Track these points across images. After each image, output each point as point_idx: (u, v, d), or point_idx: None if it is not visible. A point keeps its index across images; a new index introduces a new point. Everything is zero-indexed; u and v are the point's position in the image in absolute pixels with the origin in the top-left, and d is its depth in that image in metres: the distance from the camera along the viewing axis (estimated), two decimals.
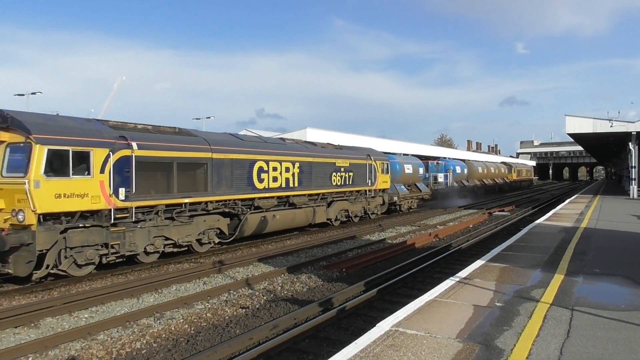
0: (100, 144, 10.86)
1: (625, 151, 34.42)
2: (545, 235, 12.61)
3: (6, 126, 10.15)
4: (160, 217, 12.30)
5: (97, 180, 10.69)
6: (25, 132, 9.95)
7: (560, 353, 4.57)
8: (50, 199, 9.86)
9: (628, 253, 10.22)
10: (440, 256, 13.03)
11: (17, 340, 7.33)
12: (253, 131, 34.69)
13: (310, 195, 18.24)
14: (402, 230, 19.69)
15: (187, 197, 12.84)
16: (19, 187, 9.67)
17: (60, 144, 10.16)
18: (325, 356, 6.09)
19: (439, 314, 5.87)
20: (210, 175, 13.55)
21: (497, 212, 28.26)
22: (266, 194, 15.75)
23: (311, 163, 18.16)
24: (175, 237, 12.77)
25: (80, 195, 10.39)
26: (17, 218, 9.67)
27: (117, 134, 11.40)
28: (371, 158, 22.54)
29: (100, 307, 8.97)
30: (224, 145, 14.34)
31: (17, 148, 10.19)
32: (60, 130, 10.38)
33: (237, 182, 14.55)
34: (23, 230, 9.73)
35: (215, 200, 13.83)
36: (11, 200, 9.91)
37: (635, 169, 30.02)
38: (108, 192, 10.88)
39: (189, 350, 6.91)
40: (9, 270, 9.87)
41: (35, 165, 9.70)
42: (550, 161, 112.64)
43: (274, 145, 17.03)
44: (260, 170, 15.47)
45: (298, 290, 10.25)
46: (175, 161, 12.53)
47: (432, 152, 47.26)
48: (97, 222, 10.88)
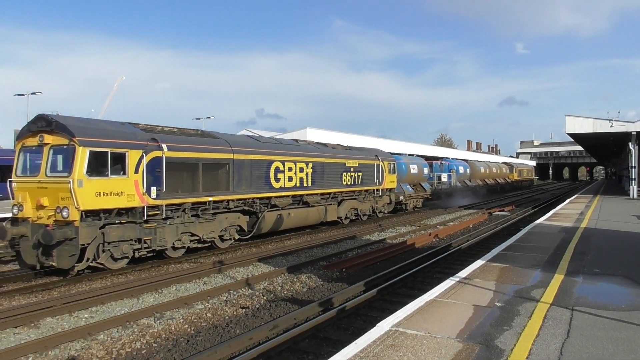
0: (135, 146, 11.60)
1: (625, 151, 34.43)
2: (545, 235, 12.60)
3: (50, 129, 10.94)
4: (187, 215, 13.04)
5: (132, 179, 11.45)
6: (69, 135, 10.65)
7: (560, 353, 4.57)
8: (92, 197, 10.64)
9: (628, 253, 10.21)
10: (440, 256, 13.02)
11: (17, 340, 7.33)
12: (253, 131, 34.68)
13: (322, 195, 18.99)
14: (402, 230, 19.68)
15: (211, 196, 13.60)
16: (63, 185, 10.44)
17: (100, 146, 10.92)
18: (325, 356, 6.09)
19: (439, 314, 5.87)
20: (232, 175, 14.34)
21: (497, 212, 28.26)
22: (282, 193, 16.52)
23: (323, 163, 18.93)
24: (200, 233, 13.49)
25: (117, 193, 11.17)
26: (62, 214, 10.37)
27: (149, 136, 12.14)
28: (379, 158, 23.23)
29: (100, 307, 8.97)
30: (244, 146, 15.14)
31: (61, 150, 10.97)
32: (99, 133, 11.17)
33: (256, 181, 15.34)
34: (67, 225, 10.41)
35: (236, 199, 14.61)
36: (55, 198, 10.63)
37: (635, 169, 30.02)
38: (141, 190, 11.64)
39: (189, 351, 6.91)
40: (52, 263, 10.53)
41: (79, 166, 10.46)
42: (550, 161, 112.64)
43: (289, 147, 17.76)
44: (277, 170, 16.26)
45: (298, 290, 10.25)
46: (200, 162, 13.30)
47: (432, 152, 47.25)
48: (131, 219, 11.62)
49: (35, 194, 10.97)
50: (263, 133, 34.20)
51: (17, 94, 24.23)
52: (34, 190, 11.03)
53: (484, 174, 47.77)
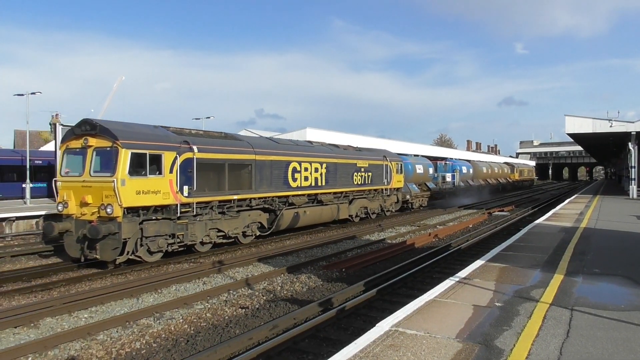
0: (169, 148, 12.48)
1: (624, 151, 34.43)
2: (545, 235, 12.60)
3: (94, 133, 11.82)
4: (214, 212, 13.91)
5: (167, 179, 12.31)
6: (112, 138, 11.53)
7: (560, 353, 4.57)
8: (133, 195, 11.52)
9: (628, 253, 10.21)
10: (440, 256, 13.02)
11: (16, 340, 7.33)
12: (253, 131, 34.61)
13: (335, 194, 19.88)
14: (402, 230, 19.68)
15: (236, 194, 14.52)
16: (107, 184, 11.32)
17: (140, 148, 11.79)
18: (325, 356, 6.09)
19: (438, 314, 5.87)
20: (254, 175, 15.26)
21: (497, 212, 28.26)
22: (299, 192, 17.43)
23: (336, 164, 19.82)
24: (226, 229, 14.37)
25: (154, 192, 12.03)
26: (106, 211, 11.17)
27: (181, 139, 13.00)
28: (387, 159, 24.18)
29: (100, 307, 8.96)
30: (264, 148, 16.06)
31: (104, 152, 11.81)
32: (138, 137, 12.04)
33: (275, 181, 16.26)
34: (110, 221, 11.30)
35: (257, 197, 15.52)
36: (99, 196, 11.50)
37: (635, 169, 30.01)
38: (175, 189, 12.49)
39: (188, 351, 6.91)
40: (96, 256, 11.48)
41: (122, 167, 11.33)
42: (550, 161, 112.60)
43: (305, 148, 18.65)
44: (294, 170, 17.16)
45: (298, 290, 10.25)
46: (226, 162, 14.20)
47: (432, 152, 47.25)
48: (166, 216, 12.48)
49: (79, 193, 11.83)
50: (263, 133, 34.14)
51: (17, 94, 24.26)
52: (78, 189, 11.89)
53: (486, 174, 48.76)
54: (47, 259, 13.81)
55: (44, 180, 28.11)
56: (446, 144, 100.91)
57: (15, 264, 13.24)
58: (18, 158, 27.99)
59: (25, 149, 25.49)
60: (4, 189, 26.92)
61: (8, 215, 17.51)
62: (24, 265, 13.12)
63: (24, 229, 17.83)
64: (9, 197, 26.32)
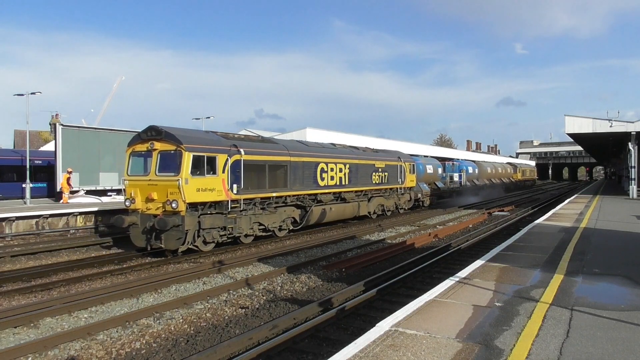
0: (222, 151, 13.97)
1: (624, 151, 34.41)
2: (545, 235, 12.60)
3: (160, 138, 13.32)
4: (257, 207, 15.46)
5: (220, 178, 13.82)
6: (177, 142, 13.01)
7: (559, 353, 4.57)
8: (194, 192, 12.99)
9: (628, 253, 10.21)
10: (439, 256, 13.02)
11: (16, 340, 7.33)
12: (253, 131, 34.65)
13: (356, 192, 21.45)
14: (402, 230, 19.68)
15: (274, 192, 16.13)
16: (171, 183, 12.82)
17: (199, 151, 13.26)
18: (325, 356, 6.08)
19: (438, 314, 5.87)
20: (289, 175, 16.80)
21: (497, 212, 28.27)
22: (326, 190, 19.01)
23: (357, 165, 21.32)
24: (266, 223, 15.95)
25: (210, 189, 13.50)
26: (172, 206, 12.69)
27: (230, 142, 14.48)
28: (401, 160, 25.81)
29: (100, 307, 8.96)
30: (297, 150, 17.61)
31: (168, 154, 13.24)
32: (198, 141, 13.51)
33: (306, 180, 17.77)
34: (174, 215, 12.76)
35: (291, 195, 17.10)
36: (163, 193, 12.99)
37: (635, 169, 30.00)
38: (227, 187, 14.00)
39: (188, 350, 6.91)
40: (161, 245, 12.98)
41: (185, 167, 12.80)
42: (550, 161, 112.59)
43: (330, 150, 20.17)
44: (322, 170, 18.72)
45: (298, 290, 10.25)
46: (267, 163, 15.79)
47: (432, 152, 47.27)
48: (218, 211, 13.99)
49: (145, 190, 13.34)
50: (262, 133, 34.20)
51: (17, 94, 24.28)
52: (144, 187, 13.38)
53: (490, 174, 50.61)
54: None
55: (44, 180, 28.11)
56: (446, 144, 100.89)
57: (15, 264, 13.24)
58: (18, 158, 27.98)
59: (25, 149, 25.50)
60: (4, 189, 26.91)
61: (8, 215, 17.51)
62: (24, 265, 13.12)
63: (24, 229, 17.82)
64: (9, 197, 26.31)
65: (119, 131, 27.86)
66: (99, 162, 26.04)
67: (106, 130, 27.58)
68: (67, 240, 16.59)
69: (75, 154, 24.81)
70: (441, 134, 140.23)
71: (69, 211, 19.16)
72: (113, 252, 14.92)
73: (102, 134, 26.99)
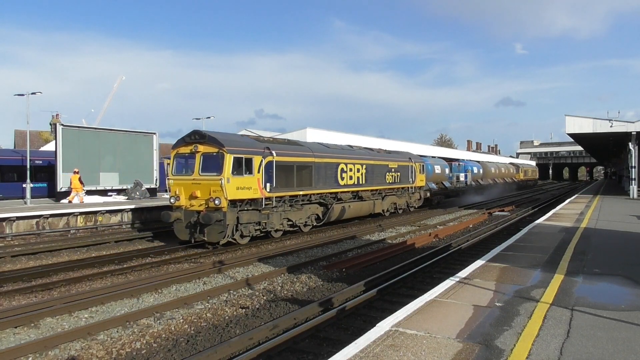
0: (257, 153, 15.24)
1: (625, 151, 34.40)
2: (545, 235, 12.60)
3: (203, 141, 14.55)
4: (286, 204, 16.76)
5: (256, 178, 15.05)
6: (219, 145, 14.24)
7: (560, 353, 4.57)
8: (234, 190, 14.26)
9: (628, 253, 10.21)
10: (440, 256, 13.02)
11: (17, 340, 7.33)
12: (253, 131, 34.66)
13: (372, 191, 22.67)
14: (402, 230, 19.68)
15: (301, 190, 17.42)
16: (214, 182, 14.08)
17: (239, 153, 14.51)
18: (325, 356, 6.08)
19: (439, 314, 5.87)
20: (313, 174, 18.07)
21: (497, 212, 28.26)
22: (345, 189, 20.23)
23: (373, 165, 22.51)
24: (294, 219, 17.32)
25: (247, 188, 14.77)
26: (215, 203, 13.93)
27: (264, 145, 15.80)
28: (412, 160, 27.12)
29: (100, 307, 8.96)
30: (320, 152, 18.90)
31: (210, 156, 14.45)
32: (237, 144, 14.82)
33: (328, 179, 19.03)
34: (217, 211, 14.01)
35: (316, 193, 18.41)
36: (206, 191, 14.28)
37: (635, 169, 29.99)
38: (261, 186, 15.24)
39: (188, 351, 6.91)
40: (204, 238, 14.27)
41: (227, 168, 14.04)
42: (550, 161, 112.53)
43: (349, 151, 21.42)
44: (342, 170, 19.92)
45: (298, 290, 10.25)
46: (295, 164, 17.06)
47: (433, 152, 47.25)
48: (254, 207, 15.24)
49: (189, 189, 14.62)
50: (263, 133, 34.19)
51: (17, 94, 24.30)
52: (188, 185, 14.66)
53: (494, 174, 52.41)
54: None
55: (44, 180, 28.09)
56: (446, 144, 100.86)
57: (16, 264, 13.25)
58: (18, 158, 27.96)
59: (25, 149, 25.49)
60: (4, 189, 26.90)
61: (8, 215, 17.51)
62: (24, 265, 13.13)
63: (24, 229, 17.83)
64: (9, 197, 26.30)
65: (119, 131, 27.88)
66: (99, 162, 26.04)
67: (106, 130, 27.58)
68: (68, 241, 16.60)
69: (76, 154, 24.80)
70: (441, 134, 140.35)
71: (69, 211, 19.17)
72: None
73: (102, 134, 27.00)
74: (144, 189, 26.43)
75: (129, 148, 27.83)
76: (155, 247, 15.63)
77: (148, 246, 15.81)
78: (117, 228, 20.12)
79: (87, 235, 18.31)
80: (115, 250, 15.43)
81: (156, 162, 29.23)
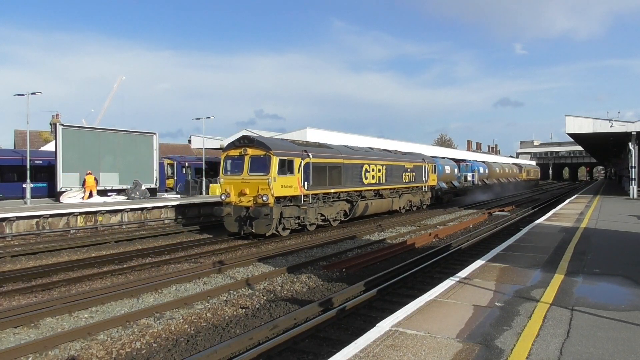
0: (297, 155, 17.25)
1: (625, 151, 34.41)
2: (545, 235, 12.60)
3: (252, 145, 16.58)
4: (320, 201, 18.75)
5: (296, 177, 17.01)
6: (266, 149, 16.27)
7: (560, 353, 4.57)
8: (279, 188, 16.22)
9: (628, 253, 10.21)
10: (440, 256, 13.01)
11: (17, 340, 7.33)
12: (253, 131, 34.65)
13: (391, 189, 24.66)
14: (402, 230, 19.68)
15: (332, 188, 19.38)
16: (262, 181, 16.02)
17: (283, 156, 16.52)
18: (325, 356, 6.08)
19: (439, 314, 5.87)
20: (342, 174, 19.93)
21: (497, 212, 28.26)
22: (368, 187, 22.16)
23: (392, 165, 24.56)
24: (326, 214, 19.31)
25: (289, 186, 16.71)
26: (263, 199, 15.84)
27: (302, 148, 17.76)
28: (425, 161, 29.11)
29: (100, 307, 8.96)
30: (348, 153, 20.86)
31: (258, 158, 16.40)
32: (281, 148, 16.86)
33: (355, 179, 20.91)
34: (264, 206, 15.97)
35: (344, 191, 20.28)
36: (254, 189, 16.20)
37: (635, 169, 29.99)
38: (300, 184, 17.20)
39: (188, 350, 6.91)
40: (252, 230, 16.08)
41: (273, 169, 16.00)
42: (550, 161, 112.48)
43: (371, 153, 23.39)
44: (366, 170, 21.79)
45: (298, 290, 10.25)
46: (327, 165, 19.01)
47: (434, 152, 47.21)
48: (294, 203, 17.23)
49: (238, 187, 16.57)
50: (263, 133, 34.17)
51: (17, 94, 24.28)
52: (237, 184, 16.62)
53: (499, 174, 54.96)
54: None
55: (44, 180, 28.08)
56: (446, 144, 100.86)
57: (16, 264, 13.25)
58: (18, 158, 27.94)
59: (25, 149, 25.48)
60: (4, 189, 26.89)
61: (8, 215, 17.50)
62: (24, 265, 13.13)
63: (24, 229, 17.82)
64: (9, 197, 26.29)
65: (119, 131, 27.86)
66: (99, 162, 26.02)
67: (106, 130, 27.56)
68: (68, 240, 16.60)
69: (76, 154, 24.78)
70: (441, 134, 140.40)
71: (69, 211, 19.17)
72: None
73: (102, 134, 26.99)
74: (144, 189, 26.43)
75: (129, 148, 27.82)
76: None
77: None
78: (117, 228, 20.13)
79: (87, 235, 18.32)
80: (115, 250, 15.45)
81: (156, 162, 29.22)
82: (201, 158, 34.89)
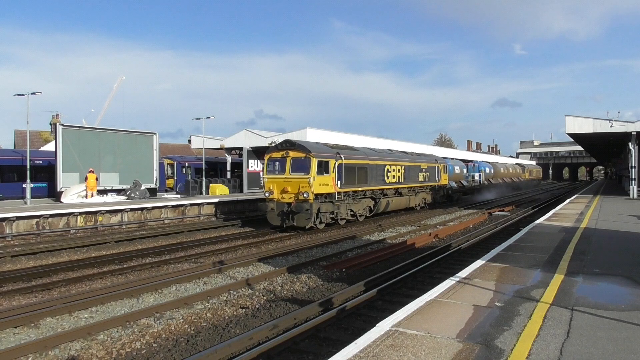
0: (331, 157, 19.20)
1: (625, 151, 34.40)
2: (545, 235, 12.60)
3: (293, 148, 18.56)
4: (350, 198, 20.81)
5: (331, 177, 19.02)
6: (306, 152, 18.28)
7: (560, 353, 4.57)
8: (318, 187, 18.26)
9: (628, 253, 10.21)
10: (440, 256, 13.01)
11: (17, 340, 7.33)
12: (253, 131, 34.64)
13: (408, 188, 26.85)
14: (402, 230, 19.68)
15: (360, 187, 21.39)
16: (303, 180, 18.07)
17: (321, 157, 18.56)
18: (325, 356, 6.09)
19: (439, 314, 5.87)
20: (368, 174, 21.93)
21: (497, 212, 28.26)
22: (390, 186, 24.42)
23: (409, 166, 26.74)
24: (355, 210, 21.44)
25: (326, 184, 18.72)
26: (304, 196, 17.91)
27: (335, 151, 19.74)
28: (437, 162, 31.32)
29: (100, 307, 8.97)
30: (372, 155, 23.03)
31: (299, 160, 18.42)
32: (318, 150, 18.81)
33: (378, 178, 23.00)
34: (304, 202, 18.02)
35: (369, 189, 22.38)
36: (295, 187, 18.23)
37: (635, 169, 29.99)
38: (334, 183, 19.20)
39: (188, 351, 6.91)
40: (294, 223, 18.14)
41: (313, 169, 18.03)
42: (550, 161, 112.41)
43: (391, 154, 25.61)
44: (387, 170, 23.90)
45: (298, 290, 10.25)
46: (356, 166, 20.93)
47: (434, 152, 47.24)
48: (329, 200, 19.26)
49: (280, 185, 18.62)
50: (263, 133, 34.17)
51: (17, 94, 24.28)
52: (280, 182, 18.65)
53: (503, 174, 57.55)
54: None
55: (44, 180, 28.09)
56: (446, 144, 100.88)
57: (16, 264, 13.26)
58: (18, 158, 27.95)
59: (25, 149, 25.48)
60: (4, 189, 26.90)
61: (8, 215, 17.50)
62: (24, 265, 13.13)
63: (24, 229, 17.83)
64: (9, 197, 26.29)
65: (119, 131, 27.87)
66: (99, 162, 26.04)
67: (107, 131, 27.58)
68: (68, 241, 16.60)
69: (76, 154, 24.80)
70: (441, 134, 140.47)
71: (69, 211, 19.17)
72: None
73: (102, 134, 27.00)
74: (144, 189, 26.44)
75: (129, 148, 27.83)
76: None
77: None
78: (117, 228, 20.14)
79: (87, 235, 18.32)
80: (115, 250, 15.45)
81: (156, 162, 29.23)
82: (201, 158, 34.91)
